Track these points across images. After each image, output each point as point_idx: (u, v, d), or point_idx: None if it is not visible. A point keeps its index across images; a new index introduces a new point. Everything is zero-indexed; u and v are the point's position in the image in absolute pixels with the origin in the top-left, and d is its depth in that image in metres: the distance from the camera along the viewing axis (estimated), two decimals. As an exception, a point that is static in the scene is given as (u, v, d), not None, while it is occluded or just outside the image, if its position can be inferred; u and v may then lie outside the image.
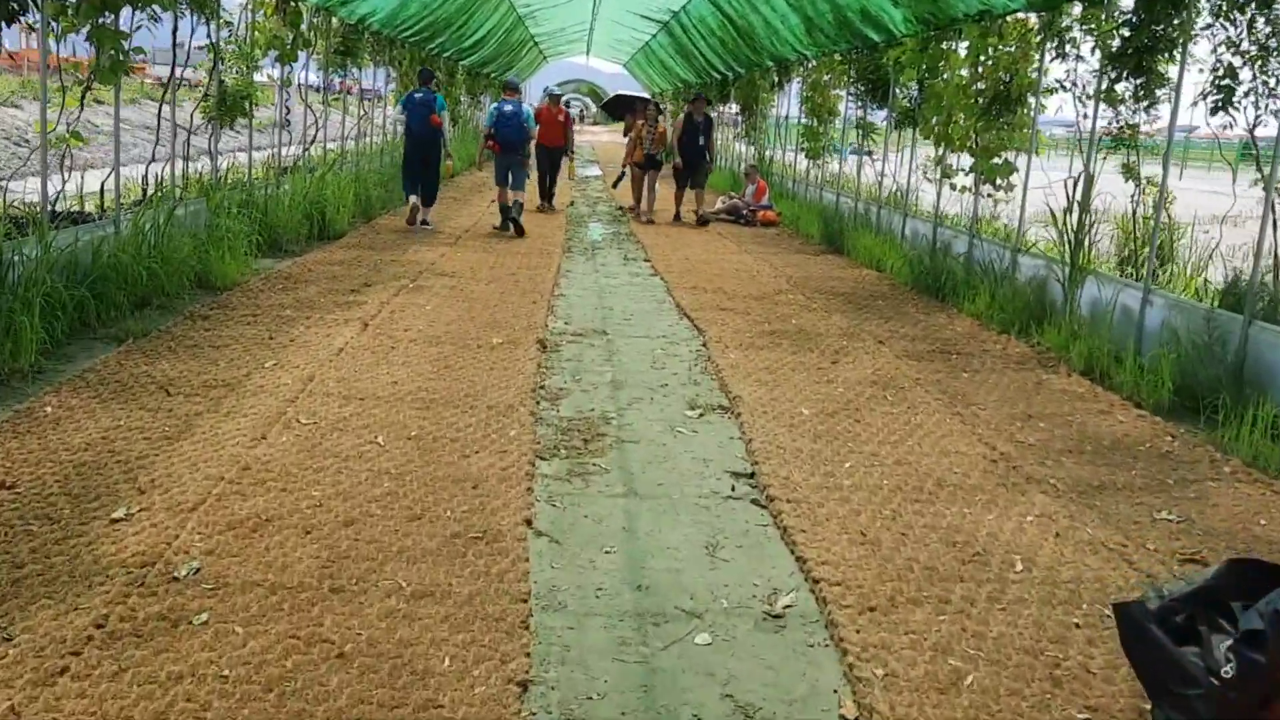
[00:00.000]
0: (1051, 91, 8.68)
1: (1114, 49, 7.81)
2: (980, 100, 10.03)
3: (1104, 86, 8.00)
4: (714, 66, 24.63)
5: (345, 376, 6.14)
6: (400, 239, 12.20)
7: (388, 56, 17.34)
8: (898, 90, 13.10)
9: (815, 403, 6.14)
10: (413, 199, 12.99)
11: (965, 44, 10.69)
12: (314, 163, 13.76)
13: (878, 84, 13.51)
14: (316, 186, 12.01)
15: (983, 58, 10.13)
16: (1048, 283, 8.61)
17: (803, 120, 17.11)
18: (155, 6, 7.80)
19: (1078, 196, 8.20)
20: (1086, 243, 8.20)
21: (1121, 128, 7.84)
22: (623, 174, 17.65)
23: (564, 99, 15.96)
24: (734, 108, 24.19)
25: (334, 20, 14.02)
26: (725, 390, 6.42)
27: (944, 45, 11.23)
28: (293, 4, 11.62)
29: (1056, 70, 9.26)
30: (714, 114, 16.10)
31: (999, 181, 9.98)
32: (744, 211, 16.00)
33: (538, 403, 5.99)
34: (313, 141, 13.56)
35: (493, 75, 32.71)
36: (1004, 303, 8.78)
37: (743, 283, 10.44)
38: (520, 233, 13.13)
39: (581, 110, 74.86)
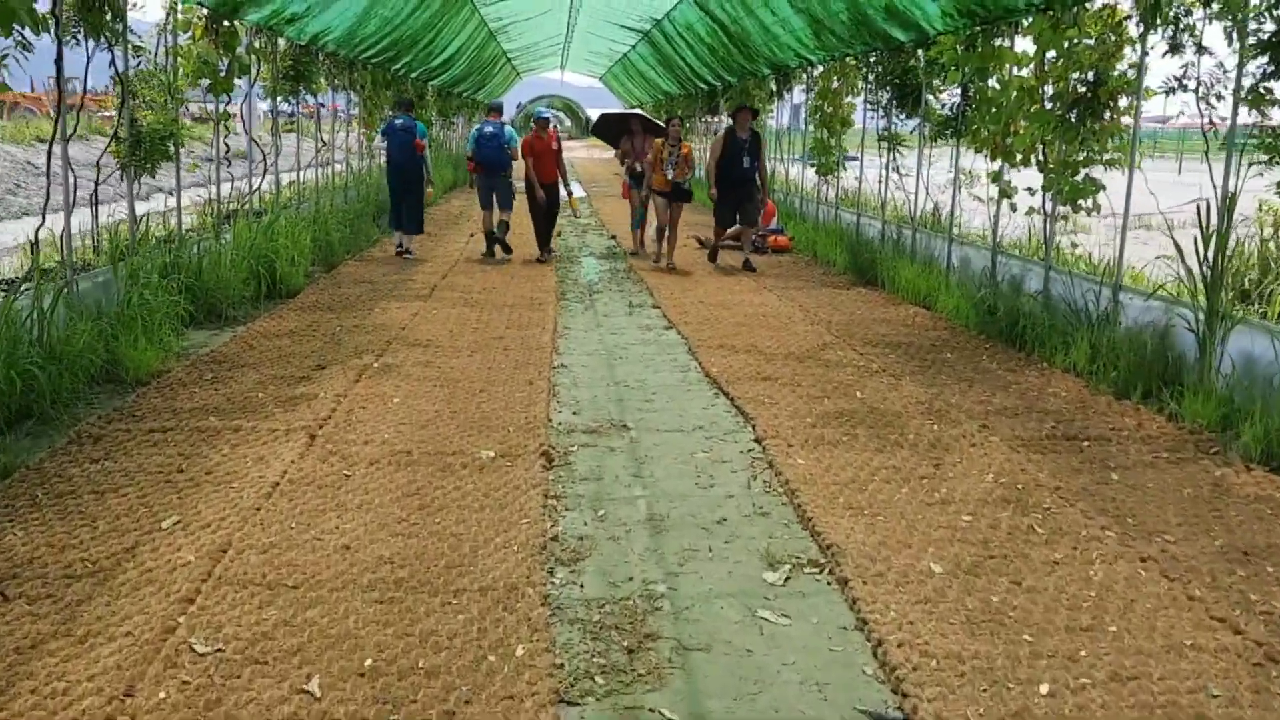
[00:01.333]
0: (1169, 92, 6.87)
1: (1265, 36, 6.03)
2: (1055, 105, 8.25)
3: (1247, 84, 6.21)
4: (700, 77, 22.89)
5: (275, 541, 4.26)
6: (367, 293, 10.31)
7: (347, 79, 15.46)
8: (930, 96, 11.32)
9: (942, 547, 4.30)
10: (398, 235, 12.98)
11: (1027, 39, 8.94)
12: (265, 204, 11.88)
13: (907, 89, 11.72)
14: (264, 236, 10.11)
15: (1052, 54, 8.35)
16: (1171, 332, 6.81)
17: (809, 132, 15.33)
18: (22, 29, 5.89)
19: (1214, 223, 6.41)
20: (1228, 281, 6.41)
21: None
22: (642, 214, 13.73)
23: (552, 122, 12.98)
24: (725, 120, 22.39)
25: (281, 41, 12.14)
26: (810, 527, 4.57)
27: (996, 42, 9.45)
28: (226, 24, 9.74)
29: (1161, 67, 7.66)
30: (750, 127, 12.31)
31: (1082, 203, 8.20)
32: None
33: (551, 571, 4.13)
34: (263, 180, 11.67)
35: (465, 94, 30.90)
36: (1111, 357, 6.99)
37: (776, 334, 8.62)
38: (507, 251, 13.11)
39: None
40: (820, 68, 15.15)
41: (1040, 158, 8.65)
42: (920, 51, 11.52)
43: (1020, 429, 5.99)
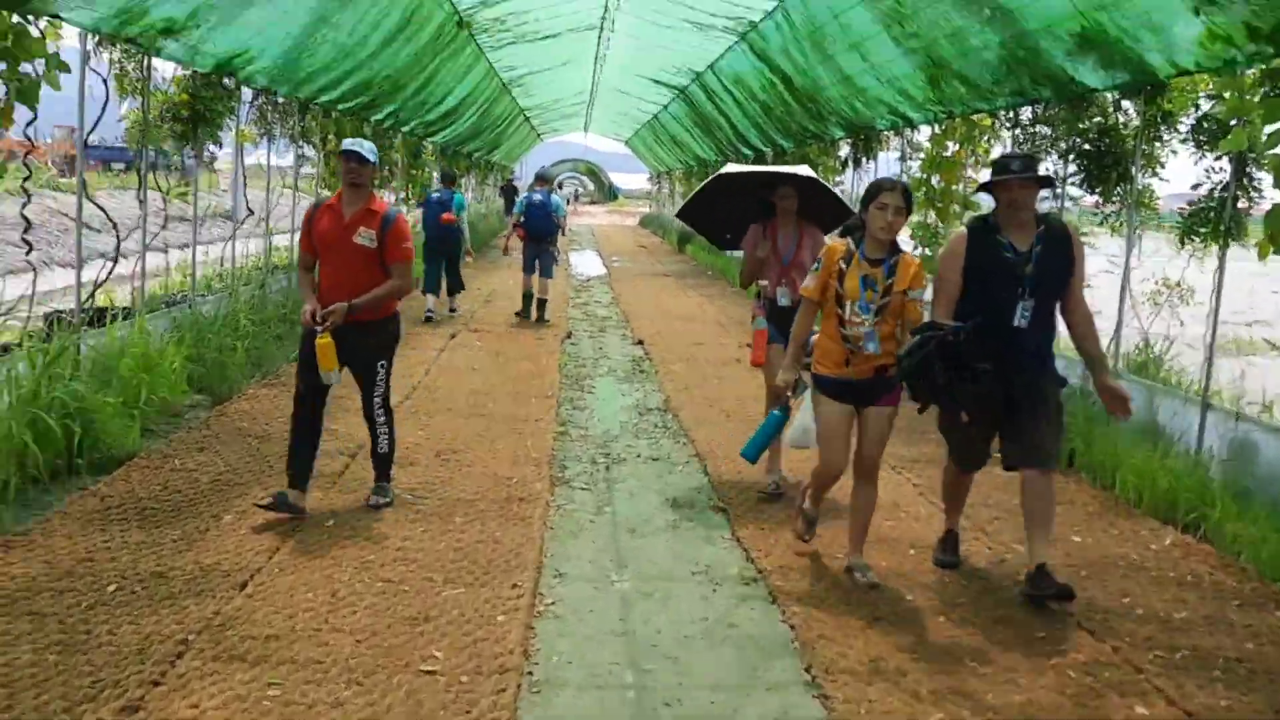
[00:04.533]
0: None
1: None
2: None
3: None
4: (746, 140, 18.84)
5: None
6: (243, 461, 6.02)
7: (296, 126, 11.32)
8: (1149, 169, 7.07)
9: None
10: (430, 298, 12.42)
11: None
12: (116, 306, 7.68)
13: (1105, 158, 7.43)
14: (43, 378, 5.78)
15: None
16: None
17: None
18: None
19: None
20: None
21: None
22: (782, 415, 5.09)
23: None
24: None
25: (168, 65, 8.02)
26: None
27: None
28: (14, 19, 5.59)
29: None
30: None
31: None
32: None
33: None
34: (113, 267, 7.42)
35: (475, 155, 26.94)
36: None
37: (998, 630, 4.28)
38: (541, 317, 12.55)
39: (577, 189, 69.98)
40: (926, 129, 10.98)
41: None
42: (1126, 103, 7.32)
43: None
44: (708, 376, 9.40)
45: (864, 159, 13.01)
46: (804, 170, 6.01)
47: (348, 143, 5.20)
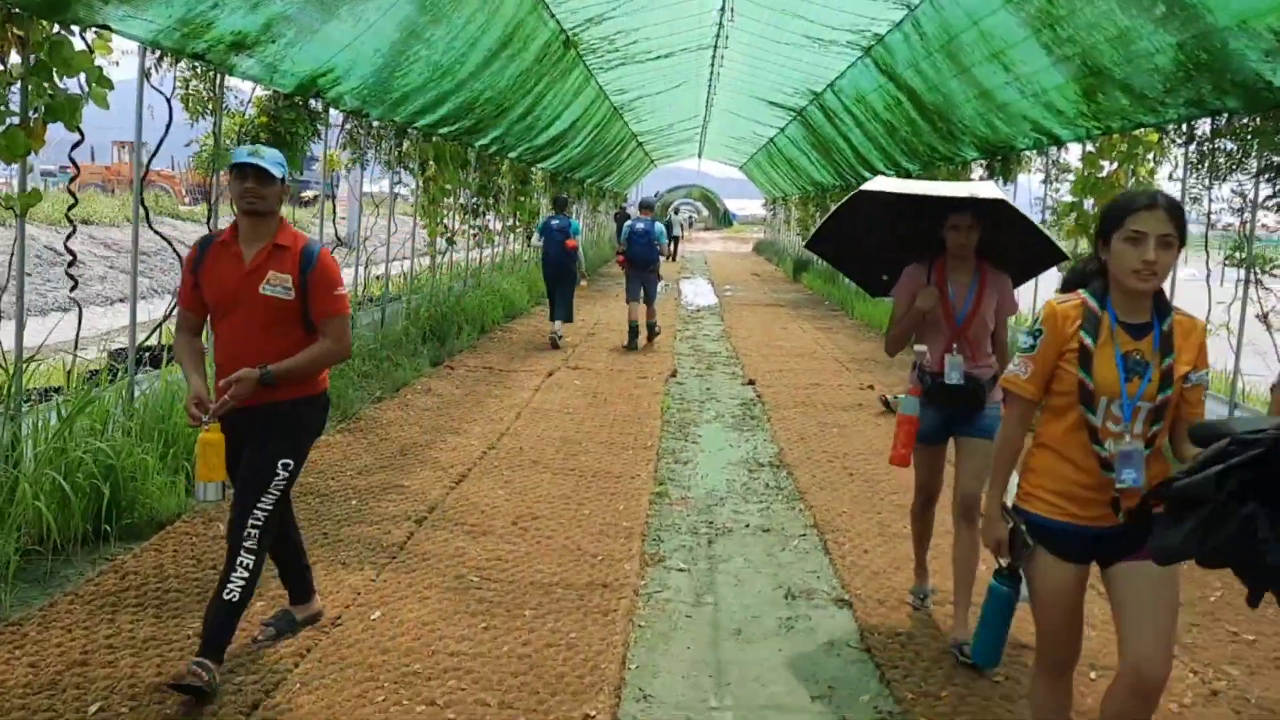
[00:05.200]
0: None
1: None
2: None
3: None
4: (868, 163, 17.64)
5: None
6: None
7: (392, 151, 10.70)
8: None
9: None
10: (553, 325, 12.45)
11: None
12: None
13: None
14: (92, 425, 5.13)
15: None
16: None
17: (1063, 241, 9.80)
18: None
19: None
20: None
21: None
22: (1007, 588, 2.83)
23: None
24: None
25: (245, 85, 7.43)
26: None
27: None
28: (55, 29, 4.97)
29: None
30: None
31: None
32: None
33: None
34: (171, 310, 6.81)
35: (587, 182, 26.37)
36: None
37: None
38: (651, 338, 12.75)
39: (691, 216, 69.51)
40: (1075, 147, 9.71)
41: None
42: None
43: None
44: (826, 425, 8.32)
45: (1000, 181, 11.74)
46: (988, 190, 4.08)
47: (240, 153, 3.55)
